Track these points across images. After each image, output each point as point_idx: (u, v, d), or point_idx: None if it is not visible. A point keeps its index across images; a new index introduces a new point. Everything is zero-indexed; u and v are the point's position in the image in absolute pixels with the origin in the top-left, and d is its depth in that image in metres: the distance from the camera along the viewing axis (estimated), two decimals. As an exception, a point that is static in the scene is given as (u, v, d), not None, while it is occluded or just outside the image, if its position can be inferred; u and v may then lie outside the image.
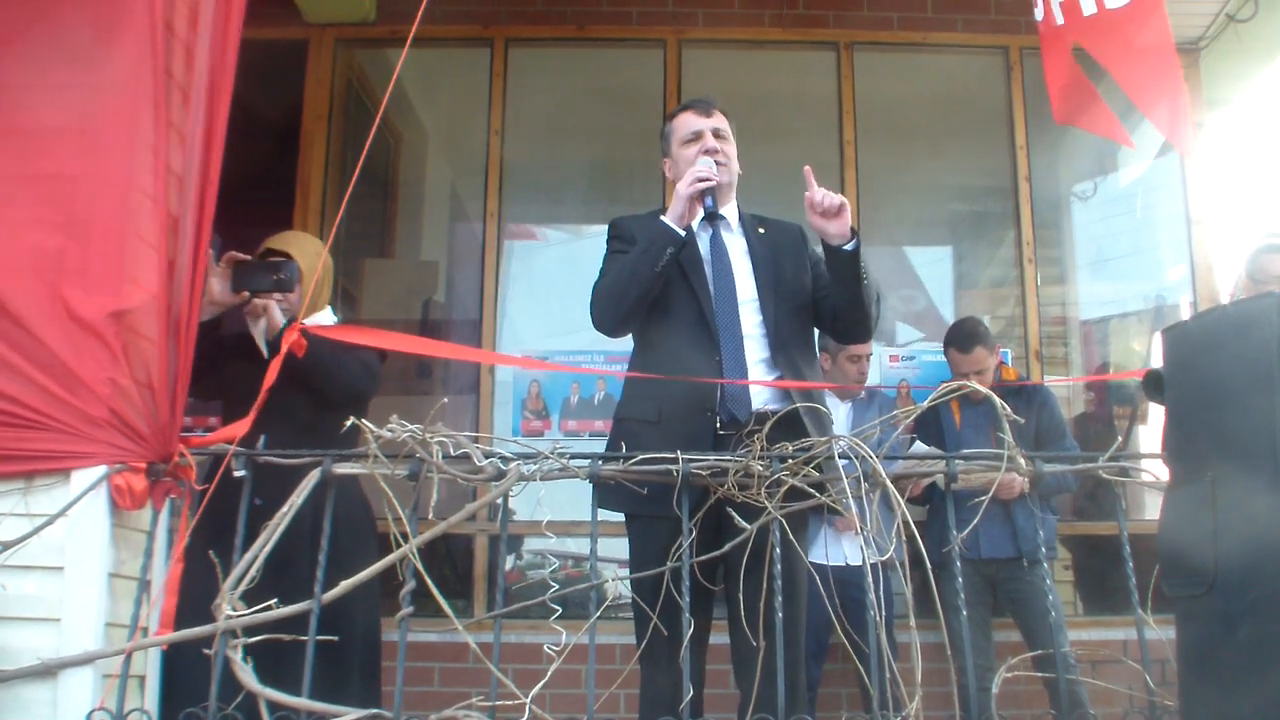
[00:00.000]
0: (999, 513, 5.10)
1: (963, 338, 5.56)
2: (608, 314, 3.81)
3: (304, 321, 3.84)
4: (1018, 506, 5.08)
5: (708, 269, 3.87)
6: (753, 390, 3.70)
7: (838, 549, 5.17)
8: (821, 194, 3.65)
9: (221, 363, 3.98)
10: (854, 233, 3.72)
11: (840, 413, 5.56)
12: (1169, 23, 4.12)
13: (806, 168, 3.67)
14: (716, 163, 3.85)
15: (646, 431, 3.65)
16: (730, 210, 4.01)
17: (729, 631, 3.62)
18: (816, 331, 4.09)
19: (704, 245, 3.92)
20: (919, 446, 5.14)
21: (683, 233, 3.70)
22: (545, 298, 7.06)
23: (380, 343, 4.10)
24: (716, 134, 3.96)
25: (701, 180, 3.70)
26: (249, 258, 4.00)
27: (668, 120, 4.12)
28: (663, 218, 3.73)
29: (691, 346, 3.74)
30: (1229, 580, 2.54)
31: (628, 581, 3.39)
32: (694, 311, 3.79)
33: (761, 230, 4.02)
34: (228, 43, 3.46)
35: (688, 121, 4.01)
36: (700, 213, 3.82)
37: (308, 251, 4.11)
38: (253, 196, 4.98)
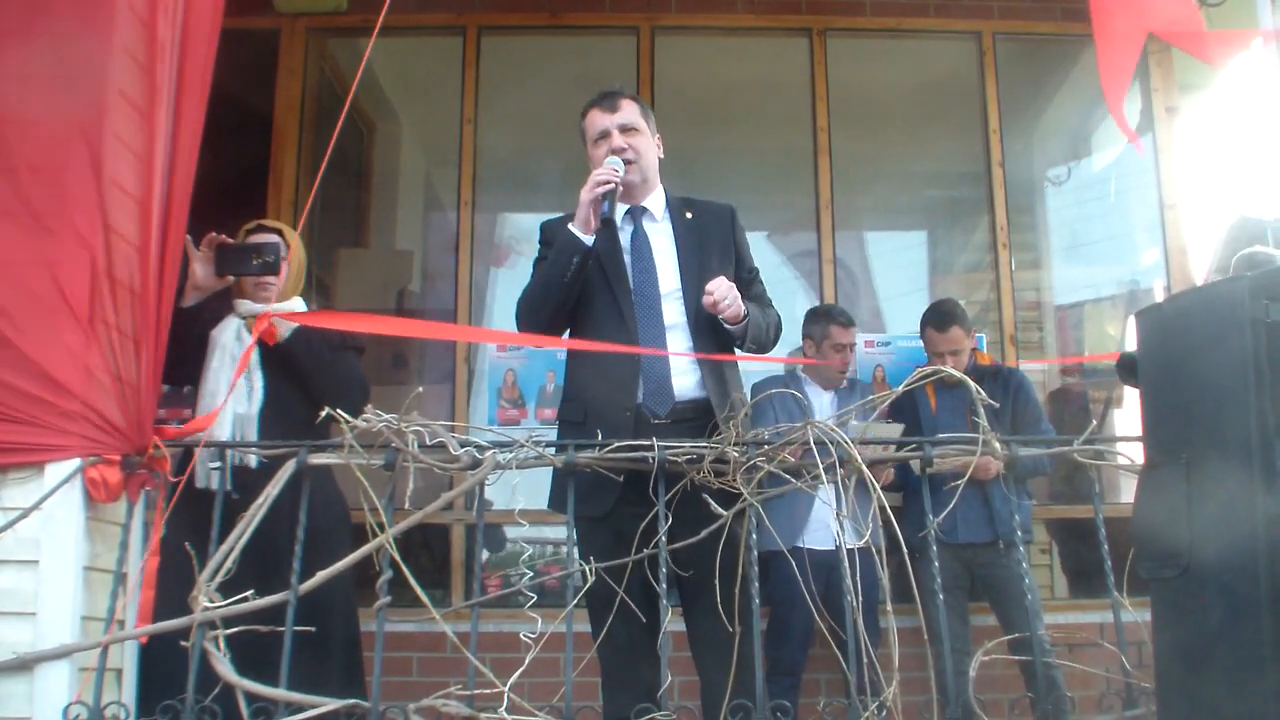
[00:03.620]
0: (975, 496, 5.11)
1: (940, 317, 5.59)
2: (530, 323, 3.83)
3: (275, 311, 3.84)
4: (994, 490, 5.09)
5: (628, 263, 3.83)
6: (677, 384, 3.70)
7: (825, 534, 5.16)
8: (717, 288, 3.64)
9: (205, 350, 3.95)
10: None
11: (823, 401, 5.56)
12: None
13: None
14: (626, 160, 3.78)
15: (573, 433, 3.66)
16: (654, 199, 3.96)
17: (685, 620, 3.66)
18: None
19: (625, 239, 3.87)
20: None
21: (589, 240, 3.67)
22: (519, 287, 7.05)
23: (352, 325, 4.10)
24: (623, 129, 3.86)
25: (601, 184, 3.65)
26: (232, 240, 3.97)
27: (580, 118, 4.02)
28: (569, 225, 3.71)
29: (612, 343, 3.72)
30: (1203, 562, 2.55)
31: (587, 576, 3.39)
32: (614, 308, 3.76)
33: (689, 215, 3.96)
34: (205, 35, 3.44)
35: (594, 120, 3.92)
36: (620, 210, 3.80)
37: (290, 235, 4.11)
38: (226, 188, 4.96)
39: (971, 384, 3.35)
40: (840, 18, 6.88)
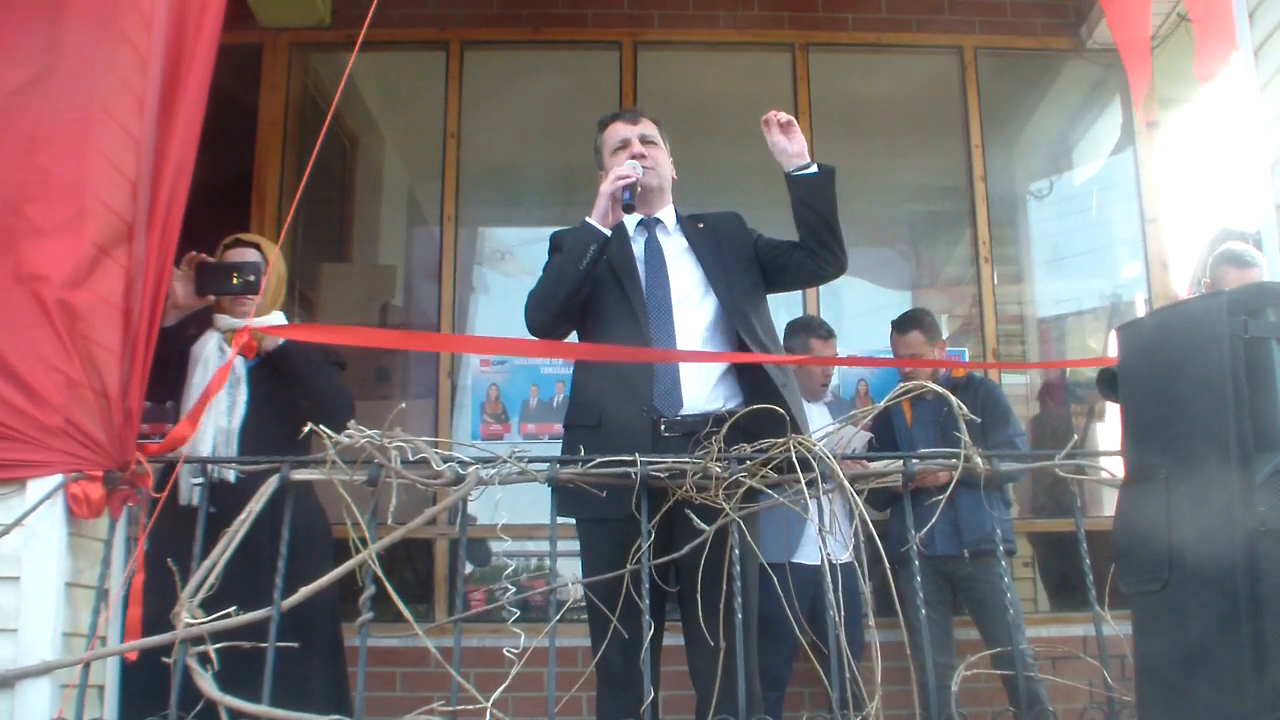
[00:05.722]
0: (948, 508, 5.11)
1: (902, 320, 5.71)
2: (538, 315, 3.86)
3: (253, 325, 3.83)
4: (962, 499, 5.07)
5: (641, 271, 3.92)
6: (695, 389, 3.74)
7: (813, 549, 5.16)
8: (774, 113, 3.82)
9: (187, 368, 3.94)
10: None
11: (813, 414, 5.54)
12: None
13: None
14: (644, 166, 3.90)
15: (588, 437, 3.67)
16: (666, 213, 4.08)
17: (684, 633, 3.65)
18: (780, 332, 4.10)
19: (639, 248, 3.98)
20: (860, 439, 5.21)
21: (606, 231, 3.76)
22: (504, 302, 7.04)
23: (334, 338, 4.10)
24: (643, 139, 4.03)
25: (622, 178, 3.76)
26: (212, 259, 3.96)
27: (598, 133, 4.16)
28: (587, 218, 3.78)
29: (625, 345, 3.78)
30: (1184, 576, 2.56)
31: (583, 586, 3.39)
32: (627, 314, 3.83)
33: (700, 225, 4.07)
34: (198, 49, 3.43)
35: (616, 130, 4.09)
36: (631, 215, 3.89)
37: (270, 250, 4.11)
38: (208, 203, 4.95)
39: (954, 400, 3.36)
40: (822, 33, 6.91)
